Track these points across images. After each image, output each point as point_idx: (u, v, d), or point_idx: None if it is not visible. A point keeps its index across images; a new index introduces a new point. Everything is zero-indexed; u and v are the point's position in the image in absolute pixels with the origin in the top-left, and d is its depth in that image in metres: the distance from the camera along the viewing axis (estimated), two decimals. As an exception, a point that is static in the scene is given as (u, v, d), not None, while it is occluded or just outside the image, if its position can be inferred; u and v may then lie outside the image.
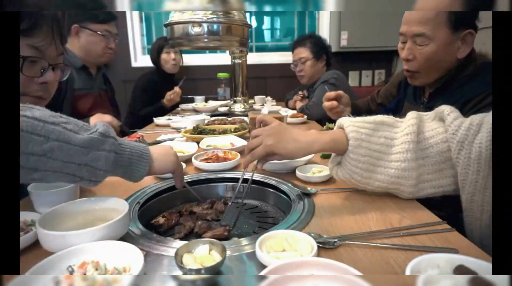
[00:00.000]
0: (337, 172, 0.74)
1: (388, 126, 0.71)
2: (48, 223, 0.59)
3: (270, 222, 0.78)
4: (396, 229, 0.62)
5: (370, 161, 0.69)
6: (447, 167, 0.68)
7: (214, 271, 0.48)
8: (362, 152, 0.69)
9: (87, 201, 0.65)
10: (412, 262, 0.44)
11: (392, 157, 0.68)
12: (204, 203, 0.84)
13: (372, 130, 0.70)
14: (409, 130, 0.68)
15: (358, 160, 0.69)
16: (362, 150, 0.69)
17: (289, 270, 0.43)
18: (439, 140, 0.68)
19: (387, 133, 0.70)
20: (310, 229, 0.63)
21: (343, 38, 2.83)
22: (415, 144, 0.67)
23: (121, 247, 0.51)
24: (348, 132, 0.70)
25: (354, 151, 0.69)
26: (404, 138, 0.68)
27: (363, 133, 0.69)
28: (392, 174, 0.68)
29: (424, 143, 0.69)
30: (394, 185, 0.70)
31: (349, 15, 2.78)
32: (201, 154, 1.07)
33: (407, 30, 0.99)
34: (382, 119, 0.71)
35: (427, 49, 0.96)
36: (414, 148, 0.67)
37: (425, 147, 0.68)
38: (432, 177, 0.69)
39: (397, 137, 0.69)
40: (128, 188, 0.86)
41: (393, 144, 0.69)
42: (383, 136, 0.69)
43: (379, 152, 0.69)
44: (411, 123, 0.69)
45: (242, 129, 1.42)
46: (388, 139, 0.69)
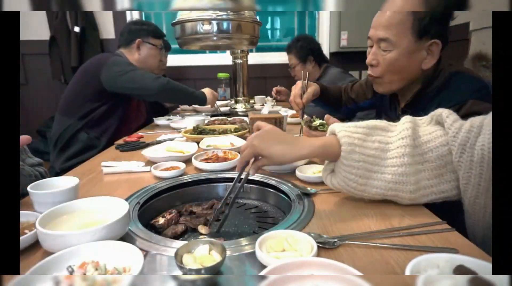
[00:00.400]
0: (331, 180, 0.71)
1: (382, 130, 0.69)
2: (48, 223, 0.59)
3: (270, 222, 0.78)
4: (396, 229, 0.62)
5: (364, 166, 0.67)
6: (448, 171, 0.66)
7: (214, 271, 0.48)
8: (355, 157, 0.66)
9: (87, 201, 0.65)
10: (412, 262, 0.44)
11: (388, 162, 0.66)
12: (204, 204, 0.84)
13: (365, 134, 0.68)
14: (404, 134, 0.66)
15: (352, 166, 0.67)
16: (356, 155, 0.66)
17: (289, 270, 0.43)
18: (438, 144, 0.66)
19: (380, 138, 0.68)
20: (310, 229, 0.63)
21: (343, 38, 2.83)
22: (411, 148, 0.65)
23: (121, 247, 0.51)
24: (340, 137, 0.67)
25: (347, 157, 0.67)
26: (399, 142, 0.66)
27: (356, 138, 0.67)
28: (389, 179, 0.66)
29: (422, 147, 0.66)
30: (392, 192, 0.67)
31: (349, 15, 2.78)
32: (201, 154, 1.07)
33: (373, 34, 0.97)
34: (374, 123, 0.69)
35: (390, 55, 0.94)
36: (410, 152, 0.65)
37: (424, 152, 0.66)
38: (433, 183, 0.67)
39: (391, 142, 0.67)
40: (128, 188, 0.86)
41: (388, 149, 0.67)
42: (377, 141, 0.67)
43: (374, 157, 0.67)
44: (406, 127, 0.67)
45: (242, 129, 1.42)
46: (382, 144, 0.67)
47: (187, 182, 0.91)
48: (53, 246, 0.53)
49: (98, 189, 0.89)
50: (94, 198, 0.66)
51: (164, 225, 0.73)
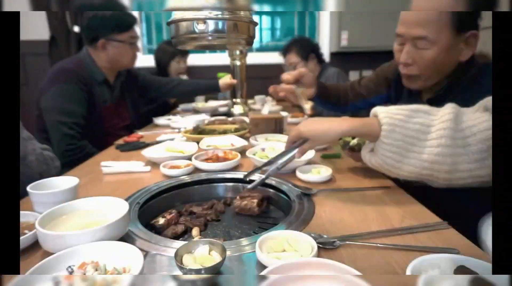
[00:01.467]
0: (370, 159, 0.74)
1: (424, 113, 0.69)
2: (48, 223, 0.59)
3: (270, 222, 0.78)
4: (397, 229, 0.62)
5: (403, 146, 0.68)
6: (488, 156, 0.66)
7: (214, 271, 0.48)
8: (396, 136, 0.68)
9: (87, 201, 0.65)
10: (413, 263, 0.44)
11: (427, 143, 0.67)
12: (204, 204, 0.84)
13: (406, 116, 0.69)
14: (446, 117, 0.67)
15: (391, 145, 0.68)
16: (396, 134, 0.68)
17: (289, 270, 0.43)
18: (482, 128, 0.65)
19: (423, 120, 0.68)
20: (310, 229, 0.63)
21: (343, 38, 2.83)
22: (451, 131, 0.65)
23: (121, 247, 0.51)
24: (382, 118, 0.69)
25: (388, 136, 0.68)
26: (440, 125, 0.66)
27: (397, 119, 0.68)
28: (425, 158, 0.67)
29: (465, 132, 0.66)
30: (427, 171, 0.68)
31: (349, 15, 2.78)
32: (201, 154, 1.07)
33: (406, 31, 0.92)
34: (417, 107, 0.70)
35: (429, 53, 0.90)
36: (450, 135, 0.65)
37: (466, 136, 0.66)
38: (473, 167, 0.66)
39: (433, 125, 0.68)
40: (128, 188, 0.86)
41: (429, 131, 0.67)
42: (418, 123, 0.68)
43: (413, 138, 0.68)
44: (449, 111, 0.68)
45: (242, 129, 1.42)
46: (424, 126, 0.68)
47: (187, 182, 0.91)
48: (53, 246, 0.53)
49: (98, 189, 0.89)
50: (94, 198, 0.66)
51: (164, 225, 0.73)
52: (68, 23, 2.73)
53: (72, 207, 0.64)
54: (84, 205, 0.64)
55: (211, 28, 1.45)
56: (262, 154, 1.05)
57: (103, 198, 0.66)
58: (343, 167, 1.00)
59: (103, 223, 0.55)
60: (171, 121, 1.85)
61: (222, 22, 1.46)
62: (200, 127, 1.49)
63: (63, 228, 0.59)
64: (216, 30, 1.46)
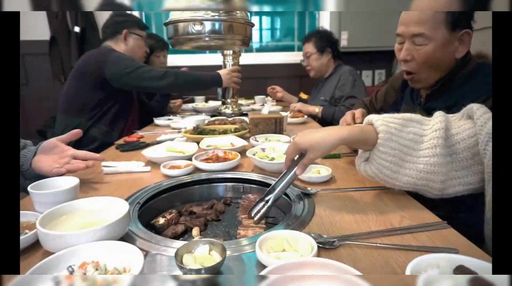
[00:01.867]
0: (365, 168, 0.73)
1: (417, 122, 0.71)
2: (48, 223, 0.59)
3: (270, 222, 0.78)
4: (396, 229, 0.62)
5: (399, 155, 0.69)
6: (474, 163, 0.68)
7: (214, 271, 0.48)
8: (392, 145, 0.68)
9: (87, 201, 0.65)
10: (412, 262, 0.44)
11: (421, 153, 0.68)
12: (204, 203, 0.84)
13: (401, 125, 0.70)
14: (438, 126, 0.68)
15: (388, 153, 0.69)
16: (392, 143, 0.68)
17: (289, 270, 0.43)
18: (466, 136, 0.67)
19: (416, 130, 0.70)
20: (310, 229, 0.63)
21: (343, 38, 2.83)
22: (444, 140, 0.67)
23: (121, 247, 0.51)
24: (378, 126, 0.70)
25: (384, 144, 0.68)
26: (432, 134, 0.68)
27: (393, 127, 0.69)
28: (421, 169, 0.68)
29: (451, 139, 0.68)
30: (423, 181, 0.69)
31: (349, 15, 2.78)
32: (201, 154, 1.07)
33: (405, 30, 0.98)
34: (410, 116, 0.71)
35: (426, 49, 0.96)
36: (443, 144, 0.67)
37: (452, 144, 0.68)
38: (460, 174, 0.68)
39: (425, 134, 0.69)
40: (128, 188, 0.86)
41: (422, 141, 0.69)
42: (412, 132, 0.69)
43: (408, 148, 0.69)
44: (440, 120, 0.69)
45: (242, 129, 1.42)
46: (417, 136, 0.69)
47: (187, 182, 0.91)
48: (53, 246, 0.53)
49: (98, 189, 0.89)
50: (94, 198, 0.66)
51: (164, 225, 0.73)
52: (68, 23, 2.73)
53: (73, 207, 0.64)
54: (85, 205, 0.64)
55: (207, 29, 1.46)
56: (262, 154, 1.05)
57: (104, 198, 0.66)
58: (343, 167, 1.00)
59: (103, 223, 0.55)
60: (171, 121, 1.85)
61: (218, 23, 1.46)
62: (200, 127, 1.49)
63: (63, 228, 0.59)
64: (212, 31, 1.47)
